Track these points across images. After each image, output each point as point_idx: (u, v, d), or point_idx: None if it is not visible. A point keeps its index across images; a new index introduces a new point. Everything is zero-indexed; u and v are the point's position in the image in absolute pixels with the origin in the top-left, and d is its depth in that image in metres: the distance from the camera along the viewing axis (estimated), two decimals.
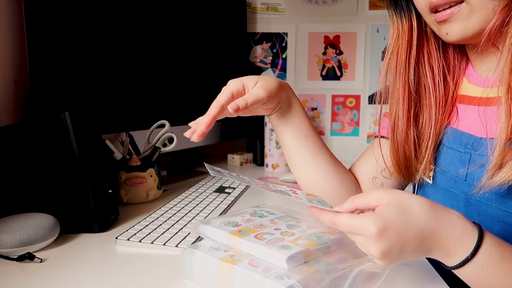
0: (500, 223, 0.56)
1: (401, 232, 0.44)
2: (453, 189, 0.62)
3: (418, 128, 0.66)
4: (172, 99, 1.16)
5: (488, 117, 0.58)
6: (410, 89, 0.65)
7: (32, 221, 0.63)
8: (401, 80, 0.65)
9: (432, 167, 0.66)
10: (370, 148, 0.75)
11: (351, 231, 0.46)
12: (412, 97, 0.65)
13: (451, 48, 0.66)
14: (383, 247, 0.43)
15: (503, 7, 0.52)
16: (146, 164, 0.92)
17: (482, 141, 0.58)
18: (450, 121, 0.65)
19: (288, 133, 0.67)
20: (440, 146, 0.65)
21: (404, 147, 0.66)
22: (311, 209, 0.50)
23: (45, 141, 0.70)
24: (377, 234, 0.43)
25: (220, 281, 0.49)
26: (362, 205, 0.47)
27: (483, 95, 0.59)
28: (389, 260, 0.44)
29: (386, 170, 0.71)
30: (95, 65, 0.93)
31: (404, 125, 0.65)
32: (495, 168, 0.52)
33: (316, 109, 1.57)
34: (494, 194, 0.56)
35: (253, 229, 0.54)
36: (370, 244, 0.44)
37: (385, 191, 0.47)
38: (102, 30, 0.94)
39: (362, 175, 0.75)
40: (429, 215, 0.45)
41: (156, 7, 1.10)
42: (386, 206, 0.45)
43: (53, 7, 0.83)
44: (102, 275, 0.57)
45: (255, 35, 1.55)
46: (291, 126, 0.66)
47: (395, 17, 0.65)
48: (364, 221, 0.44)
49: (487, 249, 0.45)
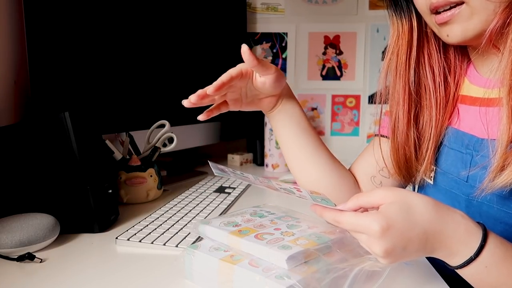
0: (502, 224, 0.56)
1: (404, 231, 0.44)
2: (455, 190, 0.62)
3: (418, 129, 0.66)
4: (172, 99, 1.16)
5: (490, 118, 0.57)
6: (410, 90, 0.65)
7: (32, 221, 0.63)
8: (401, 81, 0.65)
9: (433, 168, 0.66)
10: (369, 147, 0.75)
11: (354, 229, 0.46)
12: (413, 98, 0.65)
13: (452, 49, 0.65)
14: (386, 245, 0.43)
15: (504, 8, 0.52)
16: (146, 164, 0.92)
17: (484, 142, 0.57)
18: (451, 122, 0.64)
19: (289, 128, 0.68)
20: (441, 146, 0.65)
21: (405, 148, 0.66)
22: (315, 207, 0.50)
23: (45, 141, 0.70)
24: (380, 233, 0.43)
25: (220, 281, 0.49)
26: (366, 203, 0.47)
27: (484, 95, 0.58)
28: (392, 259, 0.44)
29: (384, 169, 0.71)
30: (95, 65, 0.93)
31: (405, 126, 0.65)
32: (496, 171, 0.52)
33: (316, 109, 1.57)
34: (496, 195, 0.56)
35: (253, 229, 0.54)
36: (373, 242, 0.44)
37: (389, 189, 0.46)
38: (102, 30, 0.94)
39: (360, 174, 0.75)
40: (433, 214, 0.45)
41: (156, 7, 1.09)
42: (390, 204, 0.45)
43: (53, 7, 0.83)
44: (102, 275, 0.57)
45: (255, 35, 1.55)
46: (293, 120, 0.67)
47: (395, 17, 0.65)
48: (367, 219, 0.44)
49: (491, 249, 0.45)
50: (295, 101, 0.69)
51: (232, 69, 0.61)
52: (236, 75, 0.60)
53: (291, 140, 0.68)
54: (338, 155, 0.74)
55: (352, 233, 0.47)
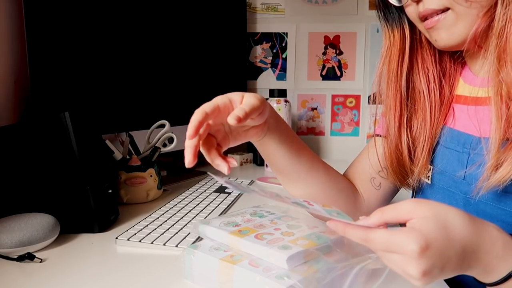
0: (499, 222, 0.56)
1: (444, 251, 0.40)
2: (452, 189, 0.62)
3: (412, 133, 0.66)
4: (172, 99, 1.16)
5: (481, 117, 0.58)
6: (402, 96, 0.66)
7: (32, 221, 0.63)
8: (392, 88, 0.66)
9: (430, 167, 0.66)
10: (366, 150, 0.75)
11: (387, 249, 0.41)
12: (404, 103, 0.66)
13: (447, 52, 0.66)
14: (424, 266, 0.39)
15: (486, 12, 0.53)
16: (146, 164, 0.92)
17: (480, 140, 0.58)
18: (447, 121, 0.65)
19: (282, 151, 0.62)
20: (437, 146, 0.66)
21: (397, 152, 0.66)
22: (336, 225, 0.44)
23: (45, 141, 0.70)
24: (418, 253, 0.38)
25: (220, 281, 0.49)
26: (392, 218, 0.43)
27: (478, 94, 0.60)
28: (428, 280, 0.40)
29: (384, 170, 0.71)
30: (95, 65, 0.93)
31: (396, 131, 0.66)
32: (491, 169, 0.52)
33: (316, 109, 1.57)
34: (492, 193, 0.56)
35: (253, 229, 0.54)
36: (410, 263, 0.39)
37: (417, 202, 0.42)
38: (102, 30, 0.94)
39: (359, 175, 0.74)
40: (471, 229, 0.41)
41: (156, 7, 1.10)
42: (423, 220, 0.41)
43: (53, 7, 0.83)
44: (102, 275, 0.57)
45: (255, 35, 1.55)
46: (284, 142, 0.61)
47: (386, 28, 0.66)
48: (403, 237, 0.39)
49: None
50: (282, 120, 0.63)
51: (206, 104, 0.51)
52: (212, 111, 0.50)
53: (286, 163, 0.63)
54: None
55: (382, 253, 0.42)
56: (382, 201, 0.73)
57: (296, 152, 0.63)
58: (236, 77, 1.46)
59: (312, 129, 1.58)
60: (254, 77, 1.57)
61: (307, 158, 0.65)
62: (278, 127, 0.61)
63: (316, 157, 0.67)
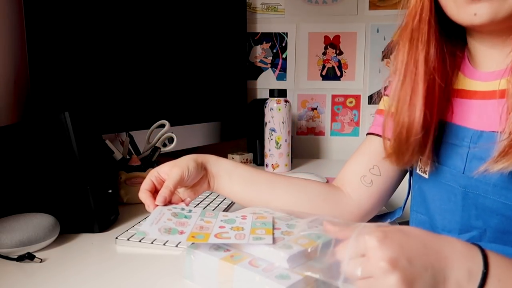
0: (498, 216, 0.55)
1: (403, 243, 0.42)
2: (451, 183, 0.62)
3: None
4: (172, 99, 1.16)
5: (485, 110, 0.58)
6: (429, 62, 0.60)
7: (32, 221, 0.63)
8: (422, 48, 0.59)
9: (428, 162, 0.65)
10: (359, 149, 0.75)
11: (355, 255, 0.42)
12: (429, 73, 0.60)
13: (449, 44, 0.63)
14: (388, 254, 0.40)
15: None
16: (146, 164, 0.92)
17: (482, 134, 0.58)
18: (445, 116, 0.64)
19: (240, 189, 0.70)
20: (435, 140, 0.65)
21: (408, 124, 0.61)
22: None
23: (45, 141, 0.70)
24: (378, 241, 0.41)
25: (220, 281, 0.49)
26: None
27: (485, 88, 0.59)
28: (400, 272, 0.40)
29: (375, 168, 0.71)
30: (95, 65, 0.93)
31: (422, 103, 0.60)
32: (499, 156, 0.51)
33: (316, 109, 1.57)
34: (492, 185, 0.56)
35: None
36: (374, 255, 0.41)
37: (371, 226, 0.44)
38: (102, 30, 0.94)
39: (350, 175, 0.74)
40: (428, 233, 0.44)
41: (156, 7, 1.10)
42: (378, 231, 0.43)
43: (53, 7, 0.83)
44: (102, 275, 0.57)
45: (255, 35, 1.55)
46: (236, 180, 0.70)
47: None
48: (363, 241, 0.42)
49: (494, 260, 0.43)
50: (223, 161, 0.71)
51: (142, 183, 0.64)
52: (149, 187, 0.64)
53: (245, 194, 0.71)
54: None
55: (351, 266, 0.42)
56: (377, 198, 0.72)
57: (252, 182, 0.71)
58: (236, 77, 1.46)
59: (312, 129, 1.58)
60: (254, 77, 1.57)
61: (266, 180, 0.72)
62: (225, 171, 0.70)
63: (275, 177, 0.74)
